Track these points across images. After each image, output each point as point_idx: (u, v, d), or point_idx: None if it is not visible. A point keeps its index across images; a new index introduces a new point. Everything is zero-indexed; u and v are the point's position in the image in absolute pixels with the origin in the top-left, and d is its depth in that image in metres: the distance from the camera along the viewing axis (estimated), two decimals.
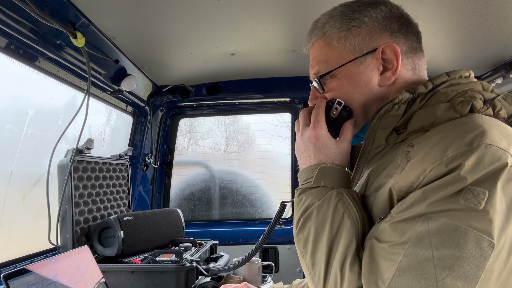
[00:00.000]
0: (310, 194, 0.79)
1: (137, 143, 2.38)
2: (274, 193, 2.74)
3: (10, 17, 1.15)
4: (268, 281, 1.86)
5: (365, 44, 0.84)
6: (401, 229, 0.64)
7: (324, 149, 0.83)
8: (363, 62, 0.84)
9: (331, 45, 0.87)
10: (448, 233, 0.59)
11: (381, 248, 0.66)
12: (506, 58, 1.96)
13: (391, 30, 0.84)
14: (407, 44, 0.85)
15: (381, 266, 0.64)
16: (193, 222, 2.67)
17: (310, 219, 0.77)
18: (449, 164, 0.62)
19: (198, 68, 2.12)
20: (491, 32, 1.65)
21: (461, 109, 0.72)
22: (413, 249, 0.61)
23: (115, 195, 1.91)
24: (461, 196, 0.61)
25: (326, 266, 0.71)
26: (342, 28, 0.85)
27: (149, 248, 1.70)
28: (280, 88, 2.43)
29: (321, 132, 0.84)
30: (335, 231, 0.72)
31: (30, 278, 1.01)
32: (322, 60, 0.89)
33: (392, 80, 0.83)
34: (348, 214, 0.73)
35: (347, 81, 0.85)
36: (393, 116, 0.79)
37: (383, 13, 0.84)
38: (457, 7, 1.41)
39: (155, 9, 1.38)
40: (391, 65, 0.83)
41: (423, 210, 0.63)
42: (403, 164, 0.70)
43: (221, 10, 1.42)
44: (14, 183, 1.51)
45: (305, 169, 0.84)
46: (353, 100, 0.86)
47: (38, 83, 1.55)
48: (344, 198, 0.75)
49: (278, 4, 1.39)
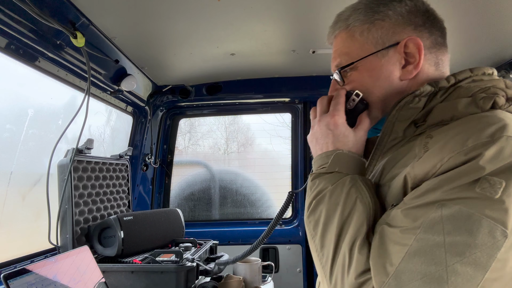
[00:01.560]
0: (324, 179, 0.79)
1: (137, 143, 2.38)
2: (274, 193, 2.74)
3: (10, 17, 1.15)
4: (268, 281, 1.86)
5: (388, 37, 0.83)
6: (414, 215, 0.64)
7: (342, 137, 0.83)
8: (385, 55, 0.83)
9: (354, 38, 0.86)
10: (461, 220, 0.59)
11: (392, 232, 0.66)
12: (506, 58, 1.96)
13: (415, 24, 0.83)
14: (431, 39, 0.84)
15: (390, 250, 0.64)
16: (193, 222, 2.67)
17: (322, 202, 0.77)
18: (468, 153, 0.62)
19: (198, 68, 2.12)
20: (491, 32, 1.65)
21: (483, 104, 0.72)
22: (424, 234, 0.61)
23: (115, 195, 1.91)
24: (477, 185, 0.60)
25: (335, 248, 0.71)
26: (366, 21, 0.85)
27: (149, 248, 1.70)
28: (280, 88, 2.43)
29: (339, 120, 0.84)
30: (346, 215, 0.72)
31: (30, 278, 1.01)
32: (344, 52, 0.88)
33: (413, 74, 0.82)
34: (361, 200, 0.73)
35: (367, 73, 0.85)
36: (413, 109, 0.78)
37: (407, 7, 0.83)
38: (457, 7, 1.41)
39: (155, 9, 1.38)
40: (413, 59, 0.82)
41: (438, 197, 0.62)
42: (420, 154, 0.69)
43: (221, 10, 1.42)
44: (14, 183, 1.51)
45: (320, 155, 0.84)
46: (373, 93, 0.85)
47: (38, 83, 1.55)
48: (358, 184, 0.75)
49: (278, 4, 1.39)
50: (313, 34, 1.69)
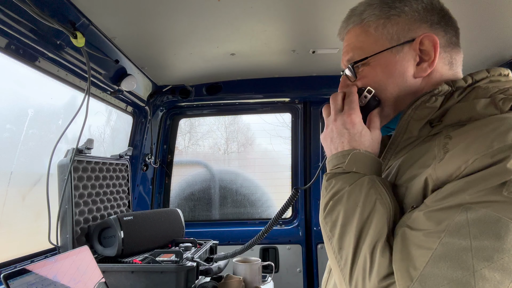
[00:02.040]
0: (340, 179, 0.78)
1: (137, 143, 2.38)
2: (274, 193, 2.74)
3: (10, 17, 1.15)
4: (268, 281, 1.86)
5: (404, 34, 0.82)
6: (437, 218, 0.62)
7: (359, 136, 0.81)
8: (400, 51, 0.82)
9: (368, 32, 0.85)
10: (488, 224, 0.58)
11: (414, 235, 0.64)
12: (506, 58, 1.96)
13: (431, 21, 0.82)
14: (446, 37, 0.83)
15: (413, 254, 0.62)
16: (193, 222, 2.67)
17: (340, 203, 0.75)
18: (494, 156, 0.61)
19: (198, 68, 2.12)
20: (491, 32, 1.65)
21: (503, 105, 0.71)
22: (450, 238, 0.60)
23: (115, 195, 1.91)
24: (505, 188, 0.59)
25: (354, 250, 0.70)
26: (381, 16, 0.83)
27: (149, 248, 1.70)
28: (280, 88, 2.43)
29: (356, 119, 0.82)
30: (366, 216, 0.71)
31: (30, 278, 1.01)
32: (357, 46, 0.86)
33: (428, 72, 0.81)
34: (381, 201, 0.71)
35: (381, 69, 0.83)
36: (429, 108, 0.77)
37: (424, 4, 0.83)
38: (456, 7, 1.41)
39: (155, 9, 1.38)
40: (428, 56, 0.81)
41: (463, 200, 0.61)
42: (440, 155, 0.68)
43: (221, 10, 1.42)
44: (14, 183, 1.51)
45: (336, 154, 0.82)
46: (386, 90, 0.84)
47: (38, 83, 1.55)
48: (376, 184, 0.73)
49: (278, 4, 1.39)
50: (313, 34, 1.69)
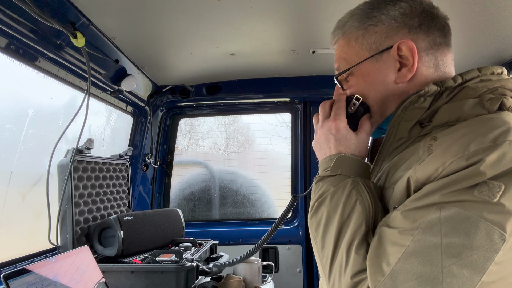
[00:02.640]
0: (327, 181, 0.81)
1: (137, 143, 2.38)
2: (274, 193, 2.74)
3: (10, 17, 1.15)
4: (268, 281, 1.86)
5: (381, 42, 0.84)
6: (413, 216, 0.64)
7: (344, 141, 0.85)
8: (379, 59, 0.84)
9: (350, 44, 0.88)
10: (459, 222, 0.59)
11: (390, 233, 0.66)
12: (506, 58, 1.96)
13: (409, 26, 0.83)
14: (427, 40, 0.83)
15: (388, 250, 0.64)
16: (193, 222, 2.67)
17: (323, 203, 0.79)
18: (470, 158, 0.62)
19: (198, 68, 2.12)
20: (491, 32, 1.65)
21: (490, 106, 0.71)
22: (422, 235, 0.61)
23: (115, 195, 1.91)
24: (476, 189, 0.60)
25: (334, 248, 0.73)
26: (360, 27, 0.86)
27: (149, 248, 1.70)
28: (280, 88, 2.43)
29: (341, 124, 0.86)
30: (346, 216, 0.74)
31: (30, 278, 1.01)
32: (342, 57, 0.90)
33: (408, 77, 0.82)
34: (361, 201, 0.74)
35: (363, 78, 0.87)
36: (418, 109, 0.78)
37: (402, 10, 0.83)
38: (456, 7, 1.41)
39: (155, 9, 1.38)
40: (407, 61, 0.82)
41: (437, 199, 0.63)
42: (424, 157, 0.69)
43: (221, 10, 1.42)
44: (14, 183, 1.51)
45: (325, 159, 0.86)
46: (369, 97, 0.87)
47: (38, 83, 1.55)
48: (359, 186, 0.76)
49: (278, 4, 1.39)
50: (313, 34, 1.69)
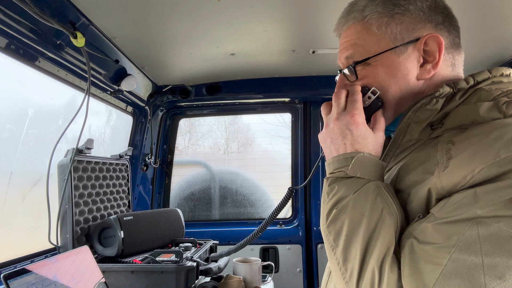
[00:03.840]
0: (344, 184, 0.74)
1: (137, 143, 2.38)
2: (274, 193, 2.74)
3: (10, 17, 1.15)
4: (268, 281, 1.86)
5: (408, 33, 0.79)
6: (447, 231, 0.60)
7: (362, 139, 0.77)
8: (403, 51, 0.79)
9: (370, 31, 0.81)
10: (501, 241, 0.55)
11: (423, 250, 0.62)
12: (506, 58, 1.96)
13: (435, 21, 0.79)
14: (449, 38, 0.80)
15: (422, 269, 0.60)
16: (193, 222, 2.67)
17: (344, 211, 0.72)
18: (502, 166, 0.58)
19: (198, 68, 2.12)
20: (491, 32, 1.65)
21: (506, 109, 0.69)
22: (460, 254, 0.57)
23: (115, 195, 1.91)
24: None
25: (361, 264, 0.67)
26: (385, 14, 0.80)
27: (149, 248, 1.70)
28: (280, 88, 2.43)
29: (360, 120, 0.78)
30: (372, 227, 0.68)
31: (30, 278, 1.01)
32: (359, 44, 0.82)
33: (431, 74, 0.79)
34: (388, 210, 0.68)
35: (383, 70, 0.80)
36: (430, 110, 0.75)
37: (428, 3, 0.80)
38: (456, 8, 1.41)
39: (155, 9, 1.38)
40: (432, 57, 0.78)
41: (474, 213, 0.58)
42: (443, 161, 0.66)
43: (221, 10, 1.42)
44: (14, 183, 1.51)
45: (337, 157, 0.78)
46: (388, 91, 0.80)
47: (38, 83, 1.55)
48: (382, 192, 0.70)
49: (278, 4, 1.39)
50: (313, 34, 1.69)
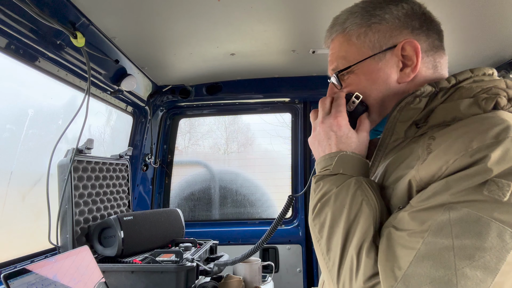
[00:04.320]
0: (328, 181, 0.79)
1: (137, 143, 2.38)
2: (274, 193, 2.74)
3: (10, 17, 1.15)
4: (268, 281, 1.86)
5: (385, 41, 0.84)
6: (421, 218, 0.64)
7: (345, 139, 0.83)
8: (382, 58, 0.84)
9: (351, 41, 0.87)
10: (470, 223, 0.59)
11: (399, 236, 0.65)
12: (506, 58, 1.96)
13: (412, 27, 0.84)
14: (428, 41, 0.84)
15: (398, 254, 0.64)
16: (193, 222, 2.67)
17: (327, 204, 0.77)
18: (473, 155, 0.62)
19: (198, 68, 2.12)
20: (491, 32, 1.65)
21: (485, 105, 0.72)
22: (432, 237, 0.61)
23: (115, 195, 1.91)
24: (485, 188, 0.60)
25: (342, 252, 0.71)
26: (362, 25, 0.85)
27: (149, 248, 1.70)
28: (280, 88, 2.43)
29: (342, 121, 0.84)
30: (352, 218, 0.72)
31: (30, 278, 1.01)
32: (341, 56, 0.89)
33: (411, 77, 0.83)
34: (367, 202, 0.73)
35: (365, 77, 0.86)
36: (414, 109, 0.79)
37: (404, 10, 0.84)
38: (457, 8, 1.41)
39: (155, 9, 1.38)
40: (410, 61, 0.82)
41: (445, 200, 0.62)
42: (424, 156, 0.70)
43: (221, 10, 1.42)
44: (14, 183, 1.51)
45: (324, 157, 0.84)
46: (370, 96, 0.86)
47: (38, 83, 1.55)
48: (363, 186, 0.75)
49: (278, 4, 1.39)
50: (313, 34, 1.69)
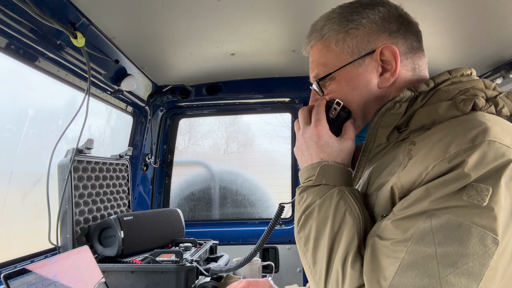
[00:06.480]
0: (311, 192, 0.79)
1: (137, 143, 2.38)
2: (274, 193, 2.74)
3: (10, 17, 1.15)
4: None
5: (363, 46, 0.84)
6: (404, 226, 0.63)
7: (326, 148, 0.83)
8: (361, 64, 0.84)
9: (330, 48, 0.87)
10: (451, 230, 0.59)
11: (383, 245, 0.65)
12: (506, 58, 1.96)
13: (389, 30, 0.84)
14: (406, 44, 0.84)
15: (383, 264, 0.63)
16: (193, 222, 2.67)
17: (311, 217, 0.76)
18: (451, 160, 0.62)
19: (198, 68, 2.12)
20: (491, 32, 1.65)
21: (463, 107, 0.72)
22: (415, 246, 0.61)
23: (115, 195, 1.91)
24: (464, 193, 0.60)
25: (327, 264, 0.71)
26: (340, 31, 0.85)
27: (149, 248, 1.70)
28: (280, 88, 2.43)
29: (322, 130, 0.84)
30: (336, 229, 0.72)
31: (30, 278, 1.01)
32: (321, 63, 0.89)
33: (391, 81, 0.83)
34: (350, 212, 0.72)
35: (346, 83, 0.86)
36: (395, 114, 0.78)
37: (381, 14, 0.84)
38: (457, 7, 1.41)
39: (155, 9, 1.38)
40: (390, 66, 0.82)
41: (426, 207, 0.62)
42: (405, 162, 0.69)
43: (221, 10, 1.42)
44: (14, 183, 1.52)
45: (306, 167, 0.84)
46: (352, 102, 0.86)
47: (38, 83, 1.55)
48: (345, 196, 0.75)
49: (278, 4, 1.39)
50: None
